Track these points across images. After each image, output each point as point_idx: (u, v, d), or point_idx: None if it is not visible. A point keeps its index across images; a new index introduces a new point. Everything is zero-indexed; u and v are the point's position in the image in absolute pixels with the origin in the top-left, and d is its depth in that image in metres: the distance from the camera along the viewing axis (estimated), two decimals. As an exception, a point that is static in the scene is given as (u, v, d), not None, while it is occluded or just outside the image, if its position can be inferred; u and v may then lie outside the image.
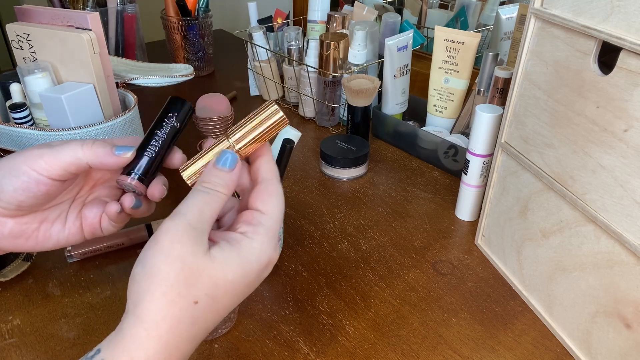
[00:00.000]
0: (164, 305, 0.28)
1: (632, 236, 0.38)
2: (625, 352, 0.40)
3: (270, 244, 0.32)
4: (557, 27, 0.42)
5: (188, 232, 0.29)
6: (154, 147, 0.37)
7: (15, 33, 0.59)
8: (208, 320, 0.30)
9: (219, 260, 0.30)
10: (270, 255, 0.32)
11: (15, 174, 0.33)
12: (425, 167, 0.76)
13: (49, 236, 0.38)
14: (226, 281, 0.30)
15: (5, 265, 0.52)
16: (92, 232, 0.39)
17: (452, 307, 0.51)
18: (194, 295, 0.28)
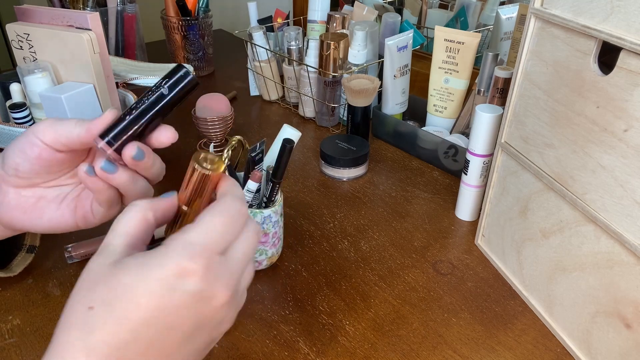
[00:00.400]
0: (64, 312, 0.27)
1: (632, 236, 0.38)
2: (625, 352, 0.40)
3: (182, 252, 0.27)
4: (557, 27, 0.42)
5: (101, 247, 0.29)
6: (132, 111, 0.33)
7: (15, 33, 0.59)
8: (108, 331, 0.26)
9: (119, 266, 0.28)
10: (179, 263, 0.27)
11: (18, 138, 0.35)
12: (425, 167, 0.76)
13: (41, 214, 0.38)
14: (119, 283, 0.27)
15: (10, 260, 0.52)
16: (84, 216, 0.39)
17: (452, 307, 0.51)
18: (90, 300, 0.27)
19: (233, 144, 0.48)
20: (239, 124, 0.89)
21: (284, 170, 0.46)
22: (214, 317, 0.29)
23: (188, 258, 0.27)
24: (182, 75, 0.33)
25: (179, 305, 0.27)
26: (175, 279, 0.27)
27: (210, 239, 0.28)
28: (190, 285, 0.27)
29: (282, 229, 0.54)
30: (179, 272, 0.27)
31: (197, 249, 0.27)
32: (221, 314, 0.29)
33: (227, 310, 0.29)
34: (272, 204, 0.51)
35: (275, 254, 0.54)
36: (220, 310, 0.28)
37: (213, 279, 0.28)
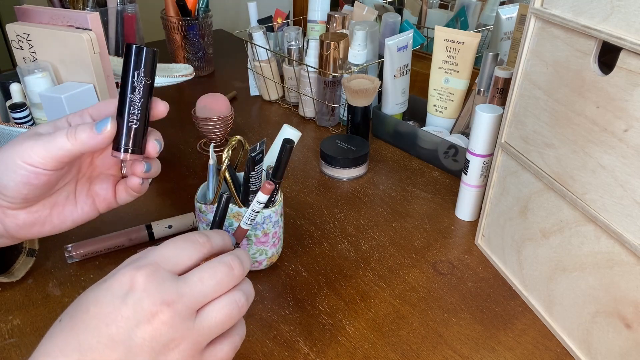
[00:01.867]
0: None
1: (632, 236, 0.38)
2: (625, 352, 0.40)
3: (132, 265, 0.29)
4: (557, 27, 0.42)
5: None
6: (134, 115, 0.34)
7: (15, 33, 0.59)
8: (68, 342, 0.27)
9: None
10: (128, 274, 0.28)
11: (12, 170, 0.34)
12: (425, 167, 0.76)
13: (64, 218, 0.39)
14: (80, 297, 0.29)
15: (11, 264, 0.52)
16: (107, 206, 0.41)
17: (452, 307, 0.51)
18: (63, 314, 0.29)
19: (233, 144, 0.48)
20: (239, 124, 0.89)
21: (284, 170, 0.46)
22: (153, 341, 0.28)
23: (136, 267, 0.29)
24: (145, 53, 0.34)
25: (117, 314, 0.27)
26: (122, 286, 0.28)
27: (160, 253, 0.30)
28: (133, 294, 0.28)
29: (282, 229, 0.54)
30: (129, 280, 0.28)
31: (146, 261, 0.29)
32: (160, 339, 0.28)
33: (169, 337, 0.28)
34: (272, 204, 0.51)
35: (275, 254, 0.54)
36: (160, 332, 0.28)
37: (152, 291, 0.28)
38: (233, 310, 0.31)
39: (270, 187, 0.43)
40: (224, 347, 0.31)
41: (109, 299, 0.28)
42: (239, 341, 0.33)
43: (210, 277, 0.30)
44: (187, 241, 0.31)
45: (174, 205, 0.65)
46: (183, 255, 0.30)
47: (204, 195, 0.53)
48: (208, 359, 0.31)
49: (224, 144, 0.80)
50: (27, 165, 0.33)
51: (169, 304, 0.28)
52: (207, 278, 0.30)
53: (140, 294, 0.28)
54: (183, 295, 0.29)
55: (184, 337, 0.29)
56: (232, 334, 0.32)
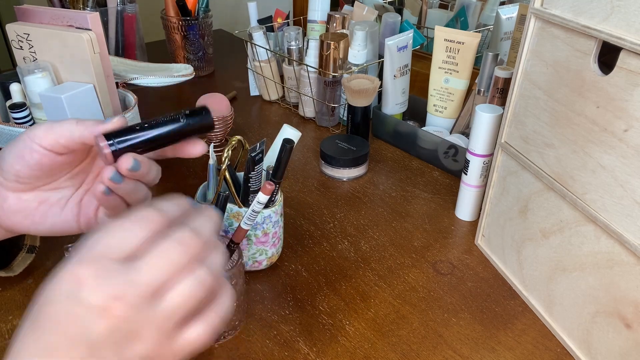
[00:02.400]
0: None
1: (632, 236, 0.38)
2: (625, 352, 0.40)
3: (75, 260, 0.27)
4: (557, 27, 0.42)
5: None
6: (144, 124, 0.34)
7: (15, 33, 0.59)
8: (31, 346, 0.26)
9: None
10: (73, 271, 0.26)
11: (14, 143, 0.35)
12: (425, 167, 0.76)
13: (45, 219, 0.38)
14: (36, 298, 0.27)
15: (11, 260, 0.52)
16: (87, 222, 0.39)
17: (452, 307, 0.51)
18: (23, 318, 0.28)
19: (233, 144, 0.48)
20: (239, 124, 0.89)
21: (284, 170, 0.46)
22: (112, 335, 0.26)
23: (79, 263, 0.26)
24: (204, 114, 0.35)
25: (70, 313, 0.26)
26: (70, 285, 0.26)
27: (105, 241, 0.27)
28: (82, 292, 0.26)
29: (282, 229, 0.54)
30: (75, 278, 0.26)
31: (90, 253, 0.27)
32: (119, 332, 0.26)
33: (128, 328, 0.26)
34: (272, 204, 0.51)
35: (275, 254, 0.54)
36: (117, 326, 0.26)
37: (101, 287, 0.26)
38: (197, 290, 0.28)
39: (271, 188, 0.43)
40: (198, 329, 0.29)
41: (58, 298, 0.26)
42: (217, 319, 0.30)
43: (161, 259, 0.27)
44: (133, 221, 0.28)
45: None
46: (130, 238, 0.28)
47: (204, 195, 0.53)
48: (179, 342, 0.28)
49: (224, 144, 0.80)
50: (28, 138, 0.34)
51: (119, 297, 0.26)
52: (157, 261, 0.27)
53: (87, 292, 0.26)
54: (134, 285, 0.26)
55: (144, 326, 0.27)
56: (207, 312, 0.30)
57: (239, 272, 0.45)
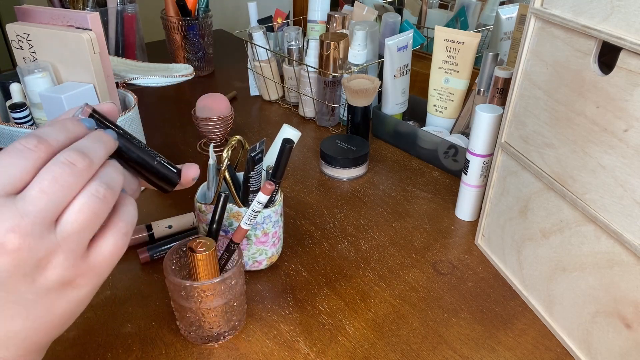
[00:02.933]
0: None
1: (632, 236, 0.38)
2: (625, 352, 0.40)
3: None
4: (557, 27, 0.42)
5: None
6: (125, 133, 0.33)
7: (15, 33, 0.59)
8: None
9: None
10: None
11: None
12: (425, 167, 0.76)
13: None
14: None
15: None
16: None
17: (452, 307, 0.51)
18: None
19: (233, 144, 0.48)
20: (239, 124, 0.89)
21: (283, 170, 0.46)
22: (17, 268, 0.26)
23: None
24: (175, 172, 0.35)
25: None
26: None
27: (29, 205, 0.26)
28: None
29: (282, 229, 0.54)
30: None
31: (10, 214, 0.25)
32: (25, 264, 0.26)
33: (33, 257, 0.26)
34: (272, 204, 0.51)
35: (275, 254, 0.54)
36: (19, 259, 0.26)
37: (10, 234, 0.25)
38: (94, 205, 0.27)
39: (271, 188, 0.43)
40: (109, 240, 0.29)
41: None
42: (126, 227, 0.30)
43: (52, 184, 0.26)
44: (12, 153, 0.26)
45: (174, 205, 0.65)
46: (13, 172, 0.26)
47: (204, 195, 0.53)
48: (95, 258, 0.29)
49: (224, 144, 0.80)
50: None
51: (13, 229, 0.25)
52: (49, 186, 0.26)
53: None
54: (27, 215, 0.26)
55: (51, 252, 0.27)
56: (114, 222, 0.29)
57: (239, 272, 0.45)
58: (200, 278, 0.43)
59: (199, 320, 0.45)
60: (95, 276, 0.29)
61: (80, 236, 0.27)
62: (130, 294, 0.52)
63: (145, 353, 0.46)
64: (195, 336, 0.46)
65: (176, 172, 0.35)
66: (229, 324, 0.46)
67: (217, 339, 0.46)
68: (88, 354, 0.45)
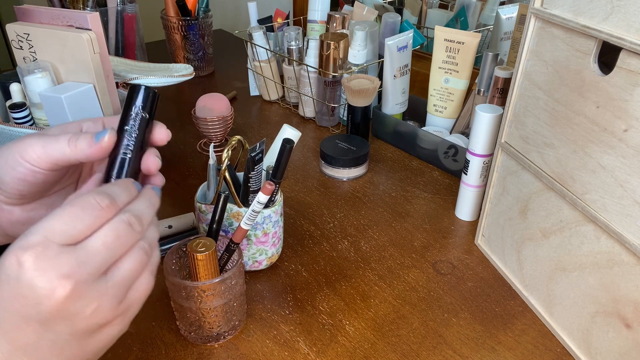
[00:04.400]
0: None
1: (632, 236, 0.38)
2: (625, 352, 0.40)
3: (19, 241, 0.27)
4: (557, 27, 0.42)
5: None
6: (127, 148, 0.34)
7: (15, 33, 0.59)
8: None
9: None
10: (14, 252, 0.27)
11: (11, 165, 0.34)
12: (425, 167, 0.77)
13: None
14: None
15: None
16: None
17: (452, 307, 0.51)
18: None
19: (233, 144, 0.48)
20: (239, 124, 0.89)
21: (283, 170, 0.46)
22: (63, 312, 0.27)
23: (21, 247, 0.27)
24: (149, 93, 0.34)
25: (16, 296, 0.27)
26: (11, 269, 0.27)
27: (50, 227, 0.28)
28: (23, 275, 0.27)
29: (282, 229, 0.54)
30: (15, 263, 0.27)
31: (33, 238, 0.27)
32: (70, 308, 0.27)
33: (80, 304, 0.28)
34: (272, 204, 0.51)
35: (275, 254, 0.54)
36: (67, 303, 0.27)
37: (46, 269, 0.27)
38: (142, 258, 0.31)
39: (271, 188, 0.43)
40: (142, 281, 0.32)
41: (3, 279, 0.27)
42: (154, 267, 0.33)
43: (114, 240, 0.29)
44: (86, 208, 0.29)
45: (174, 205, 0.65)
46: (80, 226, 0.28)
47: (204, 195, 0.53)
48: (131, 299, 0.31)
49: (224, 144, 0.80)
50: (24, 161, 0.33)
51: (68, 276, 0.27)
52: (111, 242, 0.29)
53: (31, 274, 0.27)
54: (85, 264, 0.28)
55: (98, 298, 0.28)
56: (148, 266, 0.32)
57: (239, 272, 0.45)
58: (200, 278, 0.43)
59: (199, 320, 0.45)
60: (129, 314, 0.31)
61: (126, 284, 0.30)
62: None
63: (145, 353, 0.46)
64: (195, 336, 0.46)
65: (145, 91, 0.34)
66: (229, 324, 0.46)
67: (217, 339, 0.46)
68: (88, 354, 0.45)
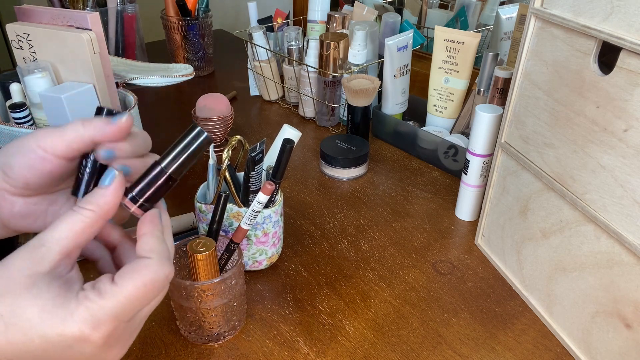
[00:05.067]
0: None
1: (632, 236, 0.38)
2: (625, 352, 0.40)
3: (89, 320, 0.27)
4: (557, 27, 0.42)
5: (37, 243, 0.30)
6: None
7: (15, 33, 0.59)
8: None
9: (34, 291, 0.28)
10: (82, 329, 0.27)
11: (23, 152, 0.34)
12: (425, 167, 0.76)
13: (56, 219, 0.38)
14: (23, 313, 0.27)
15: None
16: None
17: (452, 307, 0.51)
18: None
19: (233, 144, 0.48)
20: (239, 124, 0.89)
21: (284, 170, 0.46)
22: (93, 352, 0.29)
23: (92, 327, 0.27)
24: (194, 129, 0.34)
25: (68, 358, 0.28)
26: (74, 341, 0.27)
27: (122, 309, 0.28)
28: (87, 349, 0.28)
29: (282, 229, 0.54)
30: (80, 337, 0.27)
31: (105, 319, 0.28)
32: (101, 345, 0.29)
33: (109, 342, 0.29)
34: (272, 204, 0.51)
35: (275, 254, 0.54)
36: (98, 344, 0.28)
37: (111, 345, 0.29)
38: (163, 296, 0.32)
39: (271, 188, 0.43)
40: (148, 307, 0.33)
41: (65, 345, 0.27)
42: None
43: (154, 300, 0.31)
44: (156, 285, 0.30)
45: (174, 205, 0.65)
46: (146, 305, 0.30)
47: (204, 195, 0.53)
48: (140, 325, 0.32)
49: (224, 144, 0.80)
50: (37, 147, 0.33)
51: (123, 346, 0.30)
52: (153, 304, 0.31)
53: (98, 350, 0.28)
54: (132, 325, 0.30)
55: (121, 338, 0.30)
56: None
57: (239, 272, 0.45)
58: (200, 278, 0.43)
59: (199, 320, 0.45)
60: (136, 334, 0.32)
61: (144, 321, 0.32)
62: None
63: (145, 353, 0.46)
64: (195, 336, 0.46)
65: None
66: (229, 324, 0.46)
67: (217, 339, 0.46)
68: (88, 354, 0.45)
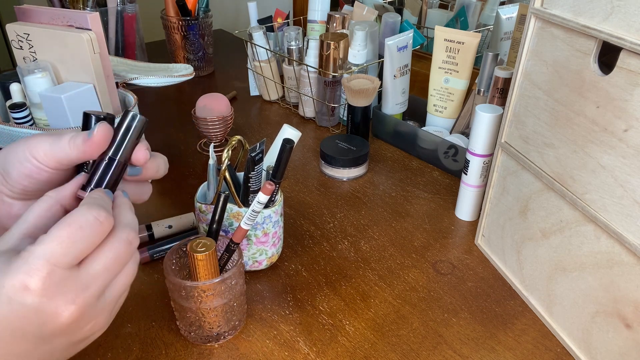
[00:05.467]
0: None
1: (632, 236, 0.38)
2: (625, 352, 0.40)
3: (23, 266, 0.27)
4: (557, 27, 0.42)
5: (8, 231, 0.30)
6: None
7: (15, 33, 0.59)
8: None
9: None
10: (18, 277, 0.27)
11: (19, 161, 0.34)
12: (425, 167, 0.77)
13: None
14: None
15: None
16: None
17: (452, 307, 0.51)
18: None
19: (233, 144, 0.48)
20: (239, 124, 0.89)
21: (284, 170, 0.46)
22: (65, 331, 0.28)
23: (26, 273, 0.27)
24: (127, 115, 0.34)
25: (17, 316, 0.27)
26: (14, 292, 0.27)
27: (52, 252, 0.28)
28: (27, 299, 0.27)
29: (282, 229, 0.54)
30: (19, 286, 0.27)
31: (37, 263, 0.27)
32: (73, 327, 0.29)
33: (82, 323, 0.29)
34: (272, 204, 0.51)
35: (275, 254, 0.54)
36: (70, 325, 0.28)
37: (53, 295, 0.28)
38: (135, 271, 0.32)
39: (271, 188, 0.43)
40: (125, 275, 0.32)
41: (4, 300, 0.27)
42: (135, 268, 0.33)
43: (114, 262, 0.30)
44: (85, 227, 0.29)
45: (174, 205, 0.65)
46: (81, 246, 0.29)
47: (204, 195, 0.53)
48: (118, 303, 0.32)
49: (224, 144, 0.80)
50: (32, 158, 0.34)
51: (73, 301, 0.28)
52: (112, 264, 0.30)
53: (38, 300, 0.27)
54: (88, 288, 0.29)
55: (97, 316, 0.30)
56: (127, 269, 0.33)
57: (239, 272, 0.45)
58: (200, 278, 0.43)
59: (199, 320, 0.45)
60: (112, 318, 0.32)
61: (120, 296, 0.32)
62: (130, 294, 0.51)
63: (145, 353, 0.46)
64: (195, 336, 0.46)
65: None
66: (229, 324, 0.46)
67: (217, 339, 0.46)
68: (88, 354, 0.45)
